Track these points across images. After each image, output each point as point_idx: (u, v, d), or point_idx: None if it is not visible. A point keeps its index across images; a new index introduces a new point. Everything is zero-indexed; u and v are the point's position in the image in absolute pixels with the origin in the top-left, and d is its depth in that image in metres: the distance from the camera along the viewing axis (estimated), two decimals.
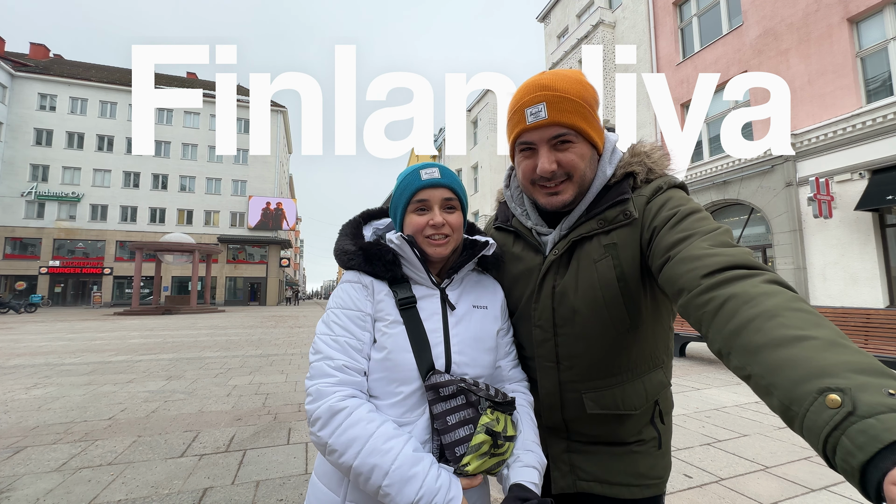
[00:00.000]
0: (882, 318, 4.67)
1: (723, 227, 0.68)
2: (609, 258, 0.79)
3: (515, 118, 0.82)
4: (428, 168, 0.85)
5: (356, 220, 0.94)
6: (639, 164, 0.83)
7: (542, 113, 0.77)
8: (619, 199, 0.80)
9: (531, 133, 0.80)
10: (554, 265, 0.85)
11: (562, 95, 0.77)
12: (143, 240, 28.19)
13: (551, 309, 0.85)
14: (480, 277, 0.95)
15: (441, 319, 0.82)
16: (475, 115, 25.45)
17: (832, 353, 0.42)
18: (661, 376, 0.87)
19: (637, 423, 0.86)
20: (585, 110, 0.79)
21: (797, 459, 2.80)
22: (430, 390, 0.74)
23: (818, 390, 0.40)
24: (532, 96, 0.78)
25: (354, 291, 0.81)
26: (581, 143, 0.80)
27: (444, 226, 0.83)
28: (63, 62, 35.06)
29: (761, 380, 0.46)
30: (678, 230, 0.70)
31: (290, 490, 2.44)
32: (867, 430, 0.35)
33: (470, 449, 0.71)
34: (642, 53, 13.18)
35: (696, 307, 0.58)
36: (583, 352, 0.84)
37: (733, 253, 0.60)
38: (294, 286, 36.92)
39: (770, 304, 0.50)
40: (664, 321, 0.86)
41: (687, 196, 0.79)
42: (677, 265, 0.65)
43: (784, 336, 0.46)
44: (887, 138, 7.48)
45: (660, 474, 0.86)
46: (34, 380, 5.42)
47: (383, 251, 0.82)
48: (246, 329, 12.72)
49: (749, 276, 0.56)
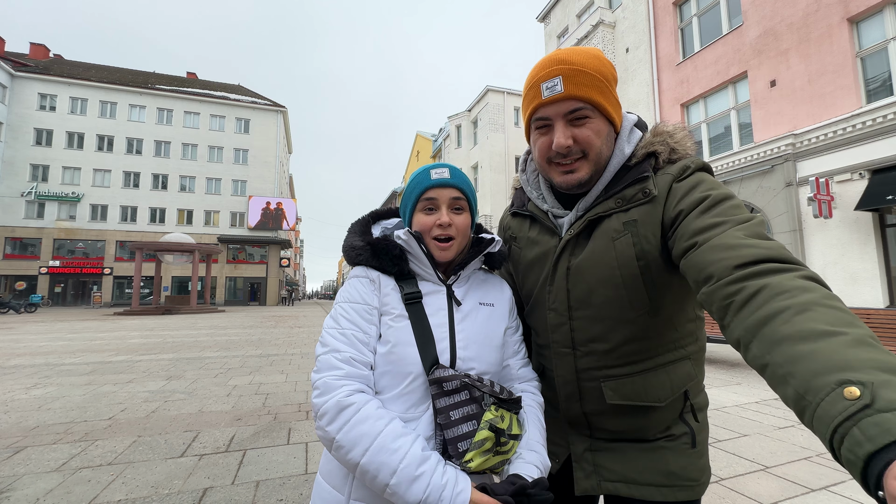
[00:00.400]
0: (882, 318, 4.68)
1: (757, 217, 0.65)
2: (629, 235, 0.76)
3: (531, 94, 0.80)
4: (438, 168, 0.86)
5: (365, 219, 0.95)
6: (661, 143, 0.79)
7: (558, 87, 0.75)
8: (639, 178, 0.77)
9: (547, 108, 0.78)
10: (569, 245, 0.83)
11: (578, 69, 0.75)
12: (143, 240, 28.22)
13: (566, 290, 0.82)
14: (487, 276, 0.95)
15: (447, 315, 0.82)
16: (475, 115, 25.45)
17: (859, 350, 0.41)
18: (689, 368, 0.82)
19: (664, 417, 0.81)
20: (603, 84, 0.76)
21: (797, 459, 2.80)
22: (434, 384, 0.74)
23: (838, 381, 0.39)
24: (548, 70, 0.76)
25: (361, 286, 0.82)
26: (598, 119, 0.77)
27: (451, 226, 0.83)
28: (63, 62, 35.06)
29: (779, 368, 0.45)
30: (710, 215, 0.66)
31: (290, 490, 2.44)
32: (882, 423, 0.34)
33: (473, 445, 0.71)
34: (642, 53, 13.18)
35: (723, 296, 0.56)
36: (600, 335, 0.80)
37: (770, 245, 0.58)
38: (290, 286, 36.45)
39: (803, 299, 0.48)
40: (688, 308, 0.82)
41: (717, 181, 0.74)
42: (708, 252, 0.61)
43: (812, 329, 0.44)
44: (887, 138, 7.48)
45: (694, 476, 0.79)
46: (34, 380, 5.42)
47: (390, 246, 0.83)
48: (246, 329, 12.72)
49: (785, 269, 0.54)
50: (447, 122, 28.60)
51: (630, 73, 13.60)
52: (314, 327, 13.46)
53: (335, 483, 0.76)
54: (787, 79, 9.14)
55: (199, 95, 33.73)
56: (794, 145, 8.88)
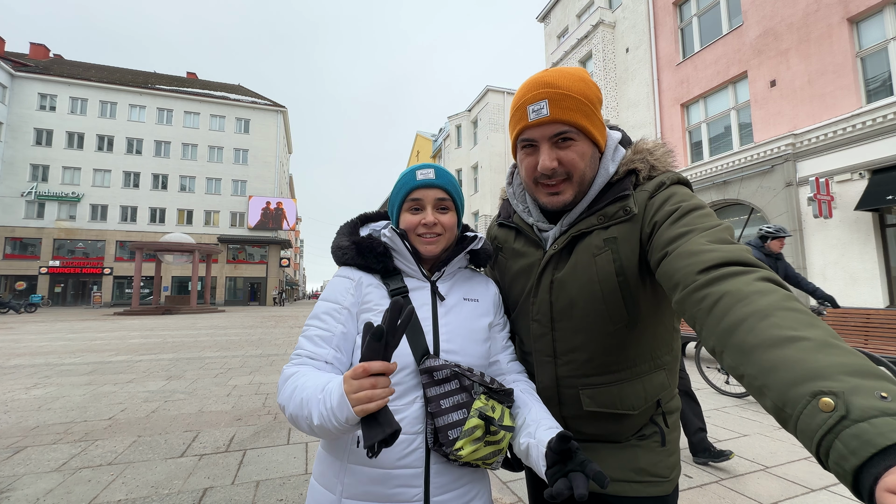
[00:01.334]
0: (882, 318, 4.67)
1: (724, 223, 0.68)
2: (608, 252, 0.79)
3: (518, 115, 0.82)
4: (424, 169, 0.88)
5: (353, 222, 0.97)
6: (641, 161, 0.82)
7: (543, 110, 0.77)
8: (620, 196, 0.80)
9: (533, 130, 0.80)
10: (553, 259, 0.85)
11: (564, 93, 0.77)
12: (143, 240, 28.21)
13: (549, 303, 0.85)
14: (473, 274, 0.98)
15: (431, 309, 0.85)
16: (475, 115, 25.45)
17: (824, 354, 0.42)
18: (663, 378, 0.86)
19: (636, 422, 0.85)
20: (588, 108, 0.79)
21: (797, 459, 2.80)
22: (425, 374, 0.76)
23: (811, 393, 0.40)
24: (534, 93, 0.78)
25: (339, 285, 0.85)
26: (583, 142, 0.80)
27: (436, 225, 0.86)
28: (63, 62, 35.06)
29: (754, 380, 0.46)
30: (679, 225, 0.70)
31: (290, 490, 2.44)
32: (860, 434, 0.35)
33: (463, 433, 0.73)
34: (642, 53, 13.17)
35: (691, 304, 0.58)
36: (580, 346, 0.83)
37: (730, 249, 0.60)
38: (289, 285, 35.65)
39: (763, 304, 0.50)
40: (666, 321, 0.85)
41: (690, 192, 0.78)
42: (675, 260, 0.64)
43: (776, 336, 0.46)
44: (887, 138, 7.47)
45: (663, 473, 0.83)
46: (34, 380, 5.42)
47: (374, 244, 0.86)
48: (246, 329, 12.72)
49: (743, 272, 0.56)
50: (447, 122, 28.61)
51: (630, 73, 13.59)
52: None
53: (326, 483, 0.78)
54: (787, 79, 9.14)
55: (199, 95, 33.72)
56: (794, 145, 8.88)
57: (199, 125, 33.52)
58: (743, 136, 10.35)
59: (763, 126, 9.63)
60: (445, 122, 29.60)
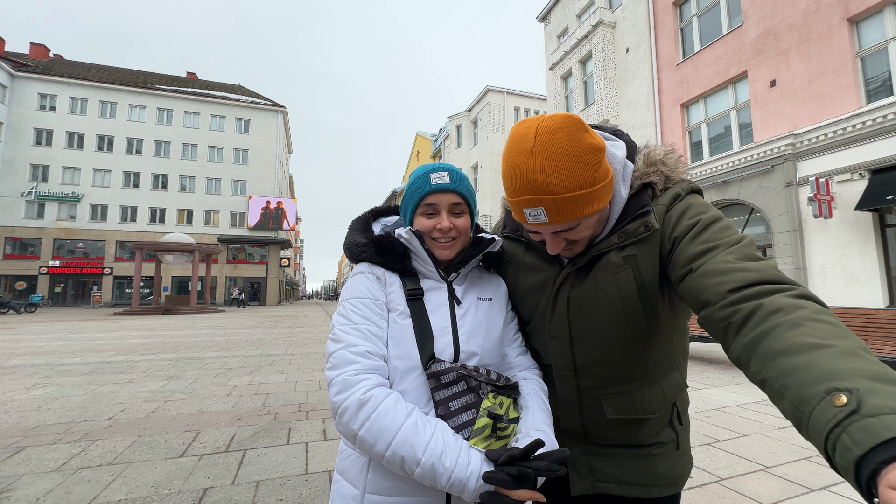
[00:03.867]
0: (882, 318, 4.67)
1: (747, 238, 0.67)
2: (629, 269, 0.77)
3: (513, 208, 0.75)
4: (438, 172, 0.86)
5: (365, 216, 0.96)
6: (655, 173, 0.79)
7: (542, 216, 0.71)
8: (640, 213, 0.77)
9: (534, 226, 0.76)
10: (570, 277, 0.83)
11: (559, 199, 0.68)
12: (143, 240, 28.20)
13: (567, 321, 0.84)
14: (483, 272, 0.98)
15: (449, 310, 0.85)
16: (475, 115, 25.45)
17: (848, 360, 0.42)
18: (678, 378, 0.88)
19: (656, 425, 0.86)
20: (587, 196, 0.69)
21: (797, 459, 2.80)
22: (432, 378, 0.76)
23: (826, 390, 0.40)
24: (528, 198, 0.70)
25: (368, 281, 0.84)
26: (590, 218, 0.74)
27: (452, 230, 0.85)
28: (63, 62, 35.05)
29: (775, 382, 0.46)
30: (700, 241, 0.68)
31: (290, 490, 2.44)
32: (867, 427, 0.35)
33: (473, 433, 0.73)
34: (642, 53, 13.17)
35: (720, 318, 0.58)
36: (601, 360, 0.84)
37: (760, 268, 0.60)
38: (240, 288, 31.56)
39: (795, 315, 0.50)
40: (681, 323, 0.86)
41: (705, 202, 0.77)
42: (701, 278, 0.64)
43: (803, 343, 0.46)
44: (887, 138, 7.47)
45: (679, 474, 0.87)
46: (34, 380, 5.42)
47: (394, 243, 0.85)
48: (246, 329, 12.72)
49: (777, 290, 0.56)
50: (447, 121, 28.62)
51: (630, 73, 13.59)
52: (314, 327, 13.45)
53: (350, 478, 0.78)
54: (787, 79, 9.14)
55: (199, 95, 33.71)
56: (794, 145, 8.88)
57: (199, 125, 33.49)
58: (743, 136, 10.35)
59: (763, 126, 9.63)
60: (445, 122, 29.61)
